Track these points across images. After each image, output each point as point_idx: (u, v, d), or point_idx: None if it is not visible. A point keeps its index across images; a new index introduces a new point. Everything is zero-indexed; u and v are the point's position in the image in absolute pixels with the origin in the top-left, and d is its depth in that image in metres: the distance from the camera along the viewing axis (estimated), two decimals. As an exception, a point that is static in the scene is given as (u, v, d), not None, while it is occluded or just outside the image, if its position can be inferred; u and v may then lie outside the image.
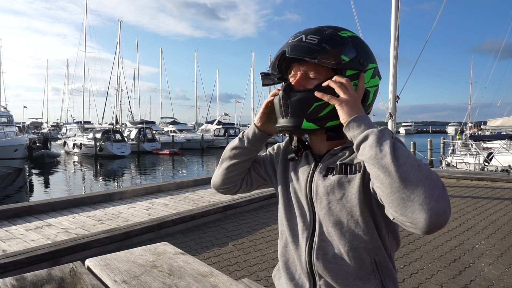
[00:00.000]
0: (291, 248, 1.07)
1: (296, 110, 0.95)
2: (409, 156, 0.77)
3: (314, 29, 0.97)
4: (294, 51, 0.93)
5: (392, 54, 6.33)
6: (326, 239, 0.98)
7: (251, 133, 1.12)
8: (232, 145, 1.16)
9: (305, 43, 0.93)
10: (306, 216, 1.03)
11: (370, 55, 1.01)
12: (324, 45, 0.92)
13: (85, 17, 33.14)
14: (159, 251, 1.33)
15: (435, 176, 0.75)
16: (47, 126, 59.77)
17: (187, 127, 42.50)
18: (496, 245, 3.74)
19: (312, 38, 0.93)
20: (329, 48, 0.92)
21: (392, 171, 0.75)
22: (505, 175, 7.42)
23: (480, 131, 21.85)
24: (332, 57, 0.92)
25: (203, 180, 7.47)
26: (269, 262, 3.37)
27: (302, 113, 0.95)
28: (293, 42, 0.95)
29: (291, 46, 0.94)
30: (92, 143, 26.21)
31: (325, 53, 0.91)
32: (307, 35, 0.95)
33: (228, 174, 1.17)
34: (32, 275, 1.11)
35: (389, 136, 0.81)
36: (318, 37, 0.94)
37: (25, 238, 4.02)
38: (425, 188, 0.73)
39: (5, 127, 17.73)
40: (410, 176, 0.74)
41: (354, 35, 0.99)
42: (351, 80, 0.95)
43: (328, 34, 0.95)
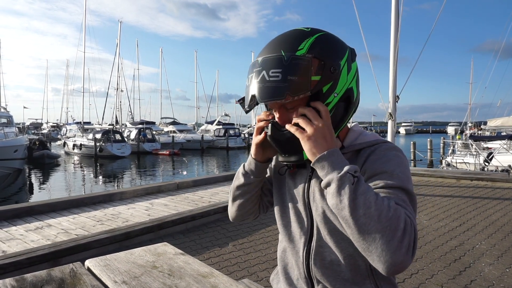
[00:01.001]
0: (289, 253, 1.07)
1: (292, 148, 0.93)
2: (369, 206, 0.75)
3: (272, 59, 0.88)
4: (264, 98, 0.87)
5: (392, 54, 6.33)
6: (323, 245, 0.98)
7: (254, 167, 1.08)
8: (239, 183, 1.12)
9: (270, 83, 0.86)
10: (303, 222, 1.02)
11: (337, 51, 0.92)
12: (290, 77, 0.85)
13: (84, 17, 33.16)
14: (159, 251, 1.33)
15: (395, 225, 0.75)
16: (47, 126, 59.77)
17: (187, 128, 42.50)
18: (496, 245, 3.74)
19: (275, 74, 0.86)
20: (296, 79, 0.85)
21: (350, 223, 0.77)
22: (505, 175, 7.42)
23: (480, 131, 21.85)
24: (304, 86, 0.86)
25: (203, 181, 7.47)
26: (269, 263, 3.37)
27: (299, 148, 0.91)
28: (258, 84, 0.88)
29: (258, 91, 0.88)
30: (92, 144, 26.21)
31: (294, 86, 0.85)
32: (268, 70, 0.87)
33: (244, 209, 1.16)
34: (32, 276, 1.11)
35: (349, 182, 0.77)
36: (279, 70, 0.86)
37: (25, 238, 4.02)
38: (382, 240, 0.74)
39: (5, 128, 17.74)
40: (369, 228, 0.75)
41: (313, 40, 0.90)
42: (330, 92, 0.91)
43: (288, 61, 0.86)
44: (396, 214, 0.76)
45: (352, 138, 1.02)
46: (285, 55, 0.87)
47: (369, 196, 0.76)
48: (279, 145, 0.95)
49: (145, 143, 30.09)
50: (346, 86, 0.93)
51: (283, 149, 0.95)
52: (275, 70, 0.86)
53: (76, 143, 28.59)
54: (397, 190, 0.85)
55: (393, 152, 0.93)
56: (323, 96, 0.90)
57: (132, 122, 37.87)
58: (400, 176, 0.87)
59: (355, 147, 0.98)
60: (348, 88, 0.94)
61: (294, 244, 1.05)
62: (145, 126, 32.72)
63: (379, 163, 0.90)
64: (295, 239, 1.04)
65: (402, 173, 0.88)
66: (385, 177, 0.87)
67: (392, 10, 6.25)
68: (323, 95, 0.90)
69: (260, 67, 0.89)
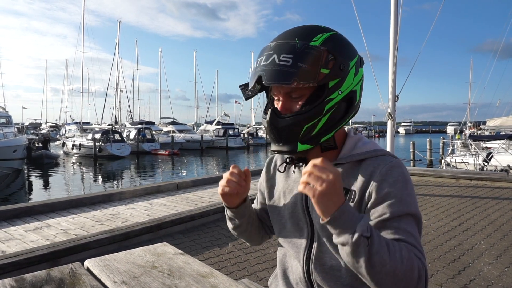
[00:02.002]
0: (289, 257, 1.07)
1: (288, 136, 0.93)
2: (384, 264, 0.77)
3: (286, 45, 0.90)
4: (270, 80, 0.88)
5: (392, 54, 6.34)
6: (324, 251, 0.98)
7: (232, 213, 1.12)
8: (230, 227, 1.18)
9: (280, 66, 0.87)
10: (303, 228, 1.02)
11: (348, 51, 0.94)
12: (300, 64, 0.86)
13: (83, 17, 33.22)
14: (159, 251, 1.33)
15: (409, 276, 0.79)
16: (46, 126, 59.70)
17: (187, 128, 42.51)
18: (495, 244, 3.74)
19: (286, 59, 0.87)
20: (306, 67, 0.86)
21: (367, 278, 0.79)
22: (504, 175, 7.43)
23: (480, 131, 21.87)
24: (312, 76, 0.87)
25: (203, 181, 7.47)
26: (268, 263, 3.37)
27: (295, 138, 0.92)
28: (267, 67, 0.89)
29: (266, 73, 0.89)
30: (91, 144, 26.19)
31: (303, 74, 0.86)
32: (279, 54, 0.88)
33: (253, 240, 1.22)
34: (31, 276, 1.11)
35: (364, 245, 0.76)
36: (291, 56, 0.87)
37: (24, 239, 4.02)
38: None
39: (4, 128, 17.72)
40: (386, 283, 0.78)
41: (328, 35, 0.92)
42: (336, 88, 0.91)
43: (301, 49, 0.88)
44: (409, 265, 0.79)
45: (350, 146, 1.00)
46: (298, 42, 0.89)
47: (383, 254, 0.77)
48: (276, 132, 0.94)
49: (144, 143, 30.08)
50: (351, 87, 0.94)
51: (279, 136, 0.94)
52: (287, 55, 0.88)
53: (75, 143, 28.56)
54: (405, 218, 0.87)
55: (398, 171, 0.92)
56: (328, 91, 0.91)
57: (131, 122, 37.85)
58: (407, 201, 0.88)
59: (354, 157, 0.97)
60: (353, 89, 0.95)
61: (294, 248, 1.04)
62: (144, 126, 32.70)
63: (386, 186, 0.89)
64: (295, 244, 1.04)
65: (408, 195, 0.89)
66: (394, 204, 0.87)
67: (392, 10, 6.25)
68: (328, 89, 0.91)
69: (271, 50, 0.91)
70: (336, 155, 1.00)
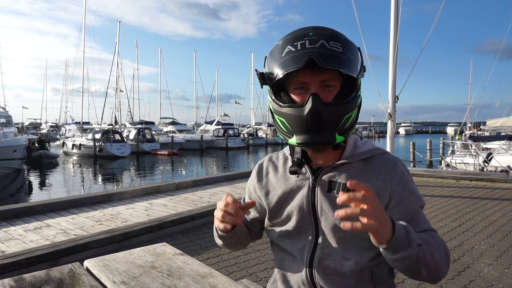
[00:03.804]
0: (290, 261, 1.05)
1: (330, 124, 0.90)
2: (437, 262, 0.85)
3: (327, 32, 0.90)
4: (329, 62, 0.85)
5: (392, 54, 6.34)
6: (328, 253, 0.97)
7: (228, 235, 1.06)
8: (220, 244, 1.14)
9: (332, 51, 0.86)
10: (308, 231, 1.01)
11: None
12: (349, 54, 0.88)
13: (84, 17, 33.20)
14: (158, 251, 1.33)
15: (446, 250, 0.90)
16: (46, 126, 59.69)
17: (187, 128, 42.49)
18: (495, 245, 3.74)
19: (336, 46, 0.87)
20: (353, 58, 0.89)
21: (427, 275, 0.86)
22: (504, 176, 7.42)
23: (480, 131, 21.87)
24: (355, 67, 0.90)
25: (202, 181, 7.47)
26: (268, 263, 3.37)
27: (335, 127, 0.91)
28: (317, 49, 0.86)
29: (320, 55, 0.85)
30: (91, 144, 26.19)
31: (352, 64, 0.88)
32: (327, 40, 0.87)
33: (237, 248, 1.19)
34: (30, 276, 1.11)
35: (421, 251, 0.81)
36: (340, 44, 0.88)
37: (24, 239, 4.01)
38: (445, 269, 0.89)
39: (4, 128, 17.71)
40: (441, 265, 0.87)
41: None
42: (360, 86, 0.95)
43: (345, 41, 0.90)
44: (441, 244, 0.89)
45: (352, 145, 1.02)
46: (339, 35, 0.92)
47: (430, 249, 0.84)
48: (319, 119, 0.88)
49: (144, 143, 30.07)
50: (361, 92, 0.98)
51: (319, 125, 0.89)
52: (336, 43, 0.89)
53: (75, 143, 28.56)
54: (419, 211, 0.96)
55: (405, 168, 0.99)
56: (358, 86, 0.94)
57: (131, 122, 37.85)
58: (418, 194, 0.97)
59: (360, 156, 0.99)
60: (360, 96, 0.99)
61: (297, 251, 1.03)
62: (144, 126, 32.69)
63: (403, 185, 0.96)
64: (299, 246, 1.02)
65: (416, 187, 0.98)
66: (413, 202, 0.95)
67: (392, 10, 6.25)
68: (358, 84, 0.94)
69: (316, 36, 0.90)
70: (340, 154, 1.01)
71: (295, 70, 0.88)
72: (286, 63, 0.89)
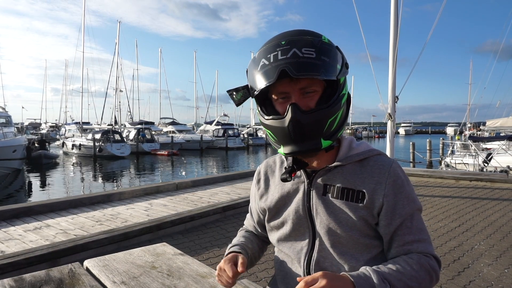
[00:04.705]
0: (289, 263, 1.07)
1: (313, 132, 0.90)
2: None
3: (300, 39, 0.89)
4: (301, 71, 0.84)
5: (392, 55, 6.34)
6: (325, 256, 0.98)
7: None
8: None
9: (304, 59, 0.85)
10: (305, 234, 1.01)
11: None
12: (324, 57, 0.87)
13: (83, 17, 33.18)
14: (158, 252, 1.33)
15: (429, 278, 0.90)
16: (46, 126, 59.66)
17: (186, 128, 42.47)
18: (495, 245, 3.74)
19: (309, 52, 0.86)
20: (328, 61, 0.87)
21: None
22: (504, 176, 7.43)
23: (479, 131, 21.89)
24: (334, 70, 0.88)
25: (202, 181, 7.46)
26: (268, 263, 3.37)
27: (319, 133, 0.90)
28: (289, 60, 0.85)
29: (292, 65, 0.85)
30: (91, 144, 26.18)
31: (328, 68, 0.87)
32: (299, 48, 0.86)
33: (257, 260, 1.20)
34: (30, 276, 1.11)
35: None
36: (312, 49, 0.87)
37: (23, 239, 4.01)
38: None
39: (3, 128, 17.70)
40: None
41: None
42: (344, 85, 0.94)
43: (319, 44, 0.88)
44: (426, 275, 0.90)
45: (346, 147, 1.01)
46: (313, 38, 0.90)
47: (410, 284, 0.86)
48: (300, 129, 0.89)
49: (144, 143, 30.06)
50: (347, 90, 0.96)
51: (302, 134, 0.89)
52: (308, 48, 0.87)
53: (75, 143, 28.54)
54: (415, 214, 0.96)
55: (400, 170, 0.99)
56: (340, 86, 0.93)
57: (131, 122, 37.83)
58: (412, 197, 0.97)
59: (354, 158, 0.98)
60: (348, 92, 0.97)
61: (295, 253, 1.04)
62: (144, 126, 32.68)
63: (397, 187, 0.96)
64: (296, 249, 1.03)
65: (412, 190, 0.98)
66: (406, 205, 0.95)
67: (392, 11, 6.25)
68: (340, 85, 0.93)
69: (288, 45, 0.88)
70: (334, 156, 1.01)
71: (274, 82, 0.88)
72: (261, 78, 0.89)
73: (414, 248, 0.93)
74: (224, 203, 5.15)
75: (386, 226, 0.94)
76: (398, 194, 0.94)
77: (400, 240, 0.94)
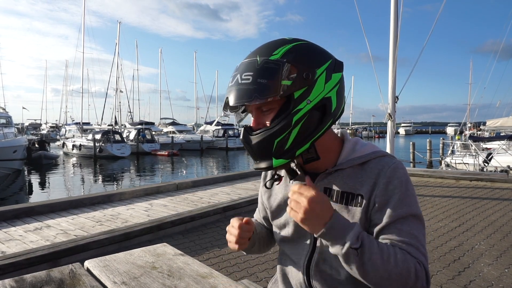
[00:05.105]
0: (290, 263, 1.07)
1: (261, 153, 0.92)
2: (377, 269, 0.81)
3: (247, 62, 0.91)
4: (235, 100, 0.89)
5: (392, 55, 6.34)
6: (325, 259, 0.98)
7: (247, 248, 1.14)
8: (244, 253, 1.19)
9: (241, 85, 0.89)
10: (306, 236, 1.02)
11: (315, 60, 0.92)
12: (260, 80, 0.87)
13: (83, 17, 33.21)
14: (159, 252, 1.33)
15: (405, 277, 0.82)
16: (46, 127, 59.68)
17: (187, 128, 42.47)
18: (495, 245, 3.74)
19: (247, 77, 0.89)
20: (266, 82, 0.86)
21: (364, 281, 0.85)
22: (504, 176, 7.43)
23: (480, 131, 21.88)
24: (272, 90, 0.86)
25: (203, 181, 7.47)
26: (268, 263, 3.37)
27: (268, 153, 0.91)
28: (232, 87, 0.91)
29: (231, 94, 0.91)
30: (91, 144, 26.19)
31: (263, 89, 0.86)
32: (241, 73, 0.90)
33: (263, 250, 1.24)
34: (31, 277, 1.11)
35: (354, 255, 0.81)
36: (251, 73, 0.88)
37: (24, 239, 4.02)
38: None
39: (4, 128, 17.71)
40: (381, 284, 0.83)
41: (290, 47, 0.91)
42: (303, 98, 0.89)
43: (260, 65, 0.88)
44: (404, 268, 0.82)
45: (349, 150, 1.00)
46: (259, 59, 0.90)
47: (376, 260, 0.81)
48: (250, 149, 0.94)
49: (144, 143, 30.06)
50: (322, 95, 0.91)
51: (254, 154, 0.94)
52: (247, 73, 0.89)
53: (75, 143, 28.55)
54: (408, 219, 0.89)
55: (401, 172, 0.93)
56: (294, 102, 0.89)
57: (131, 123, 37.84)
58: (409, 202, 0.91)
59: (355, 161, 0.97)
60: (325, 97, 0.91)
61: (295, 255, 1.04)
62: (144, 127, 32.69)
63: (391, 188, 0.91)
64: (297, 251, 1.04)
65: (410, 196, 0.92)
66: (398, 206, 0.90)
67: (392, 11, 6.26)
68: (294, 100, 0.89)
69: (236, 71, 0.93)
70: (335, 160, 1.00)
71: None
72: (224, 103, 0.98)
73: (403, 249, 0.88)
74: (225, 204, 5.15)
75: (373, 226, 0.91)
76: (391, 195, 0.90)
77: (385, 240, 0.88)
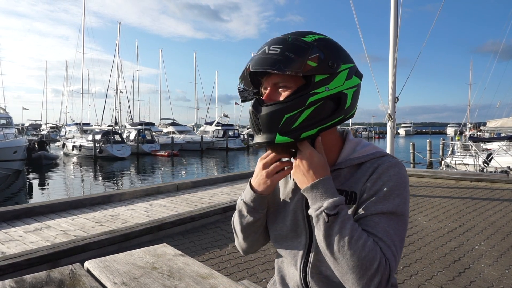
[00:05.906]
0: (287, 264, 1.07)
1: (268, 125, 0.91)
2: (343, 245, 0.82)
3: (278, 38, 0.93)
4: (257, 65, 0.89)
5: (392, 55, 6.34)
6: (321, 259, 0.97)
7: (261, 201, 1.02)
8: (248, 221, 1.06)
9: (267, 54, 0.89)
10: (301, 236, 1.01)
11: (342, 55, 0.94)
12: (287, 53, 0.88)
13: (83, 18, 33.23)
14: (159, 252, 1.33)
15: (367, 265, 0.81)
16: (46, 127, 59.71)
17: (187, 128, 42.49)
18: (495, 246, 3.74)
19: (275, 48, 0.89)
20: (293, 56, 0.87)
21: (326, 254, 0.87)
22: (504, 176, 7.43)
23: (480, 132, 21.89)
24: (297, 65, 0.87)
25: (203, 182, 7.47)
26: (268, 264, 3.37)
27: (274, 127, 0.90)
28: (256, 55, 0.92)
29: (254, 60, 0.91)
30: (91, 145, 26.20)
31: (289, 62, 0.87)
32: (270, 45, 0.91)
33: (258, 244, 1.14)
34: (31, 277, 1.11)
35: (324, 221, 0.84)
36: (280, 46, 0.89)
37: (24, 240, 4.01)
38: (353, 275, 0.82)
39: (4, 129, 17.71)
40: (341, 263, 0.83)
41: (322, 37, 0.93)
42: (322, 84, 0.90)
43: (291, 42, 0.90)
44: (370, 255, 0.81)
45: (349, 150, 1.00)
46: (290, 37, 0.92)
47: (344, 235, 0.82)
48: (257, 121, 0.92)
49: (144, 144, 30.07)
50: (341, 88, 0.92)
51: (260, 126, 0.92)
52: (276, 45, 0.91)
53: (75, 144, 28.56)
54: (389, 216, 0.88)
55: (395, 170, 0.92)
56: (313, 85, 0.89)
57: (131, 123, 37.86)
58: (394, 200, 0.89)
59: (353, 161, 0.96)
60: (342, 91, 0.92)
61: (291, 256, 1.03)
62: (144, 127, 32.70)
63: (379, 182, 0.91)
64: (293, 252, 1.03)
65: (399, 195, 0.90)
66: (380, 201, 0.89)
67: (391, 11, 6.26)
68: (314, 83, 0.89)
69: (265, 44, 0.94)
70: (335, 160, 1.00)
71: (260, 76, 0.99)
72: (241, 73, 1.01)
73: None
74: (225, 204, 5.15)
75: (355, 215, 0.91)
76: (378, 189, 0.90)
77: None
